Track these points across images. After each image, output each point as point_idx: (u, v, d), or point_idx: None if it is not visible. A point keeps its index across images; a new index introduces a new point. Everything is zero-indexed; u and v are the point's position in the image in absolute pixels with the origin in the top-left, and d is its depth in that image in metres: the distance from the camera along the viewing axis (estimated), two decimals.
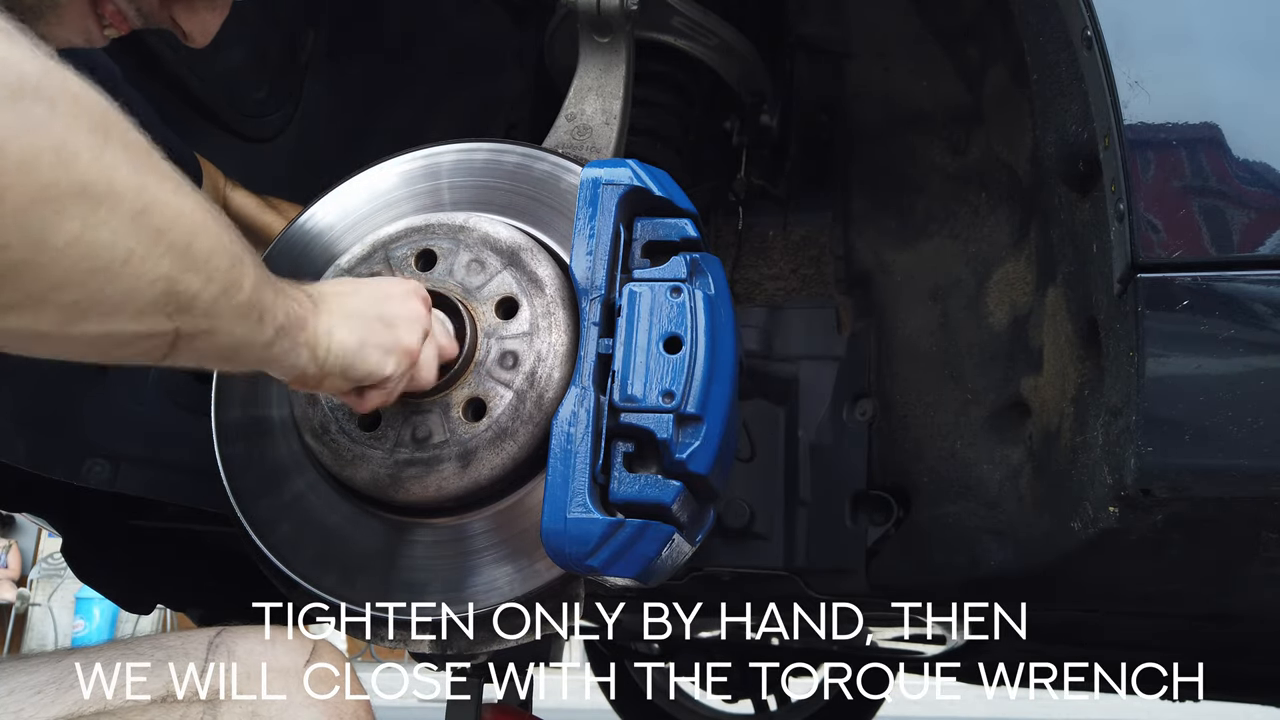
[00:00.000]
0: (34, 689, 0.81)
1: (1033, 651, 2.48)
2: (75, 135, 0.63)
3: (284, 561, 1.20)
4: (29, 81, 0.61)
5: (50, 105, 0.62)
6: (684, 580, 1.80)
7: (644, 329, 1.08)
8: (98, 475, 1.53)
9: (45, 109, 0.61)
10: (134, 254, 0.68)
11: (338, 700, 0.88)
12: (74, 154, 0.63)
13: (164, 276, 0.71)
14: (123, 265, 0.67)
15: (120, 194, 0.66)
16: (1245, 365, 0.94)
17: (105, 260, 0.66)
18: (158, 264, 0.70)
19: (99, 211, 0.65)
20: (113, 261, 0.66)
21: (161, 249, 0.70)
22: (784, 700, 3.83)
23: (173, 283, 0.72)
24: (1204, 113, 1.00)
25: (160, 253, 0.70)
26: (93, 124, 0.65)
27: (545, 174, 1.26)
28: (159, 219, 0.70)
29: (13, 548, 9.34)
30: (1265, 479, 0.94)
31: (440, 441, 1.11)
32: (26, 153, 0.60)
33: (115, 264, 0.67)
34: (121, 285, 0.68)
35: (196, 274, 0.74)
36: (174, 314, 0.73)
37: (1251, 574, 1.17)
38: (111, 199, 0.66)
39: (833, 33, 1.83)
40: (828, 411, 1.74)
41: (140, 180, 0.68)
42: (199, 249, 0.74)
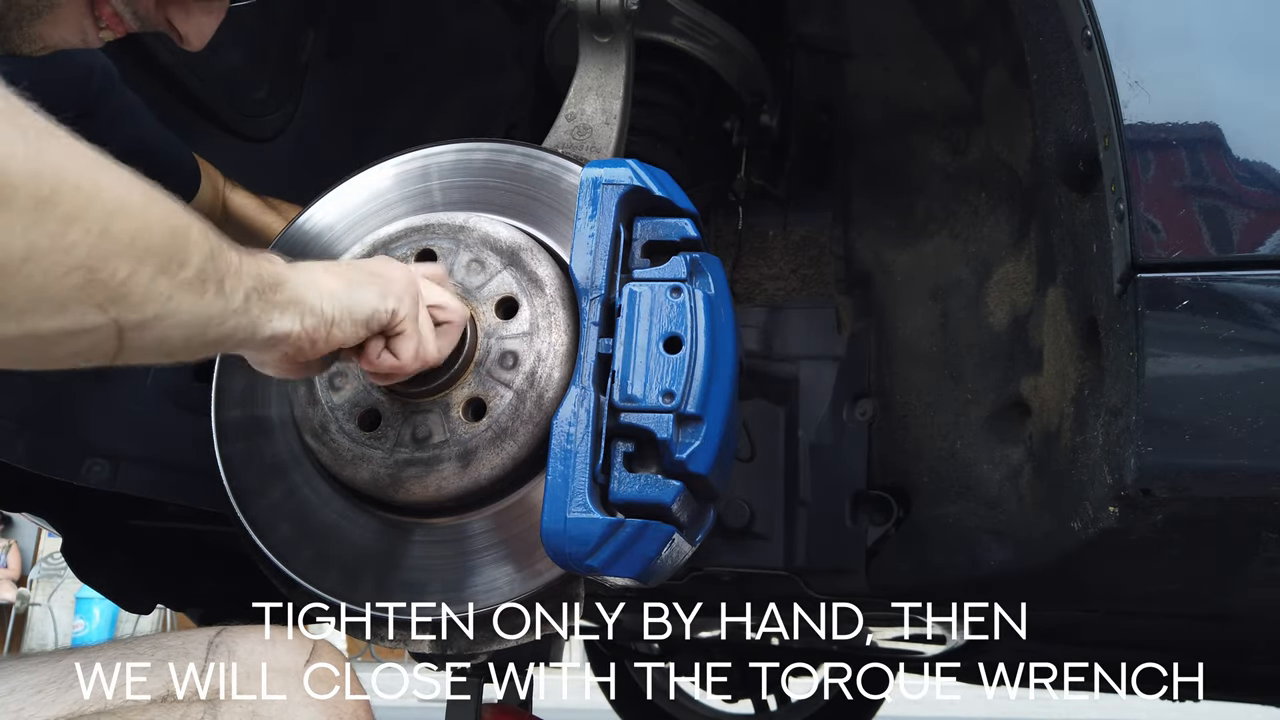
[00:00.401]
0: (34, 688, 0.81)
1: (1033, 651, 2.48)
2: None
3: (284, 561, 1.20)
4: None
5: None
6: (684, 580, 1.80)
7: (644, 329, 1.08)
8: (98, 475, 1.53)
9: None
10: (34, 249, 0.62)
11: (338, 700, 0.88)
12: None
13: (80, 266, 0.65)
14: (22, 262, 0.62)
15: (15, 186, 0.61)
16: (1245, 365, 0.94)
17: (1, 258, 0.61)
18: (67, 255, 0.64)
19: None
20: (9, 260, 0.61)
21: (71, 239, 0.64)
22: (784, 700, 3.83)
23: (93, 271, 0.66)
24: (1204, 113, 1.00)
25: (70, 243, 0.64)
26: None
27: (545, 174, 1.26)
28: (66, 206, 0.64)
29: (13, 548, 9.34)
30: (1265, 479, 0.94)
31: (440, 441, 1.11)
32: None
33: (13, 261, 0.62)
34: (25, 283, 0.63)
35: (123, 257, 0.68)
36: (106, 304, 0.68)
37: (1251, 574, 1.17)
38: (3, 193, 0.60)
39: (833, 33, 1.83)
40: (828, 411, 1.74)
41: (37, 166, 0.63)
42: (120, 230, 0.68)
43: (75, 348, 0.70)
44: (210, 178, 1.55)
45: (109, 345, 0.71)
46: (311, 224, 1.31)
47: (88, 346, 0.70)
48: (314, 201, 1.33)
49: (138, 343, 0.73)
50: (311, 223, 1.31)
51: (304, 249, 1.30)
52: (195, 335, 0.78)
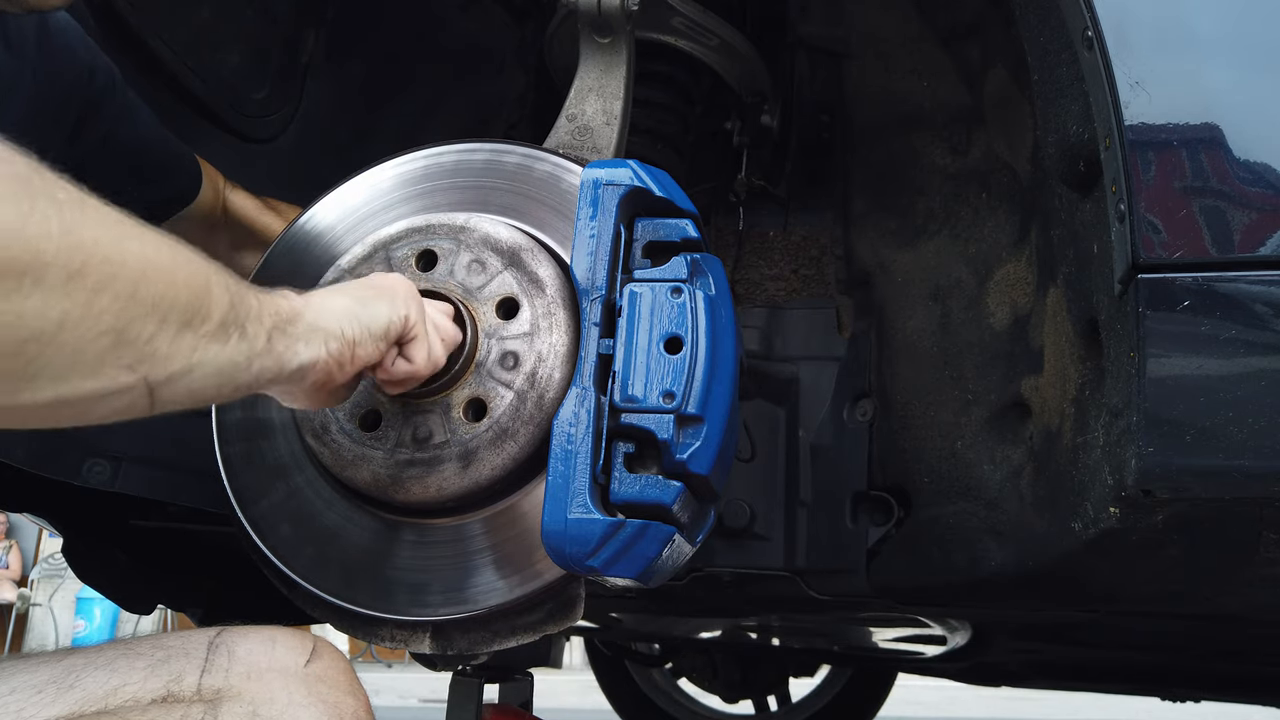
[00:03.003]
0: (35, 688, 0.80)
1: (1033, 651, 2.48)
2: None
3: (284, 562, 1.20)
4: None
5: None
6: (684, 581, 1.80)
7: (645, 329, 1.08)
8: (98, 475, 1.53)
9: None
10: (69, 316, 0.65)
11: (338, 700, 0.87)
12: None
13: (109, 330, 0.68)
14: (57, 331, 0.65)
15: (47, 264, 0.64)
16: (1246, 366, 0.94)
17: (36, 329, 0.63)
18: (98, 321, 0.67)
19: (24, 284, 0.62)
20: (44, 329, 0.64)
21: (102, 305, 0.67)
22: (784, 700, 3.83)
23: (121, 334, 0.69)
24: (1204, 113, 1.00)
25: (100, 309, 0.67)
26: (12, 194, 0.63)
27: (546, 174, 1.26)
28: (95, 277, 0.67)
29: (13, 548, 9.35)
30: (1266, 479, 0.94)
31: (441, 442, 1.11)
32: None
33: (49, 330, 0.64)
34: (61, 349, 0.66)
35: (149, 318, 0.71)
36: (135, 364, 0.71)
37: (1252, 574, 1.17)
38: (36, 270, 0.63)
39: (833, 33, 1.83)
40: (828, 412, 1.74)
41: (71, 241, 0.65)
42: (145, 294, 0.71)
43: (114, 407, 0.73)
44: (210, 178, 1.55)
45: (143, 402, 0.74)
46: (312, 225, 1.31)
47: (124, 405, 0.73)
48: (314, 202, 1.33)
49: (170, 396, 0.76)
50: (312, 223, 1.32)
51: (305, 250, 1.30)
52: (225, 382, 0.81)
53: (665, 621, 2.74)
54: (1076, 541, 1.13)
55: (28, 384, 0.66)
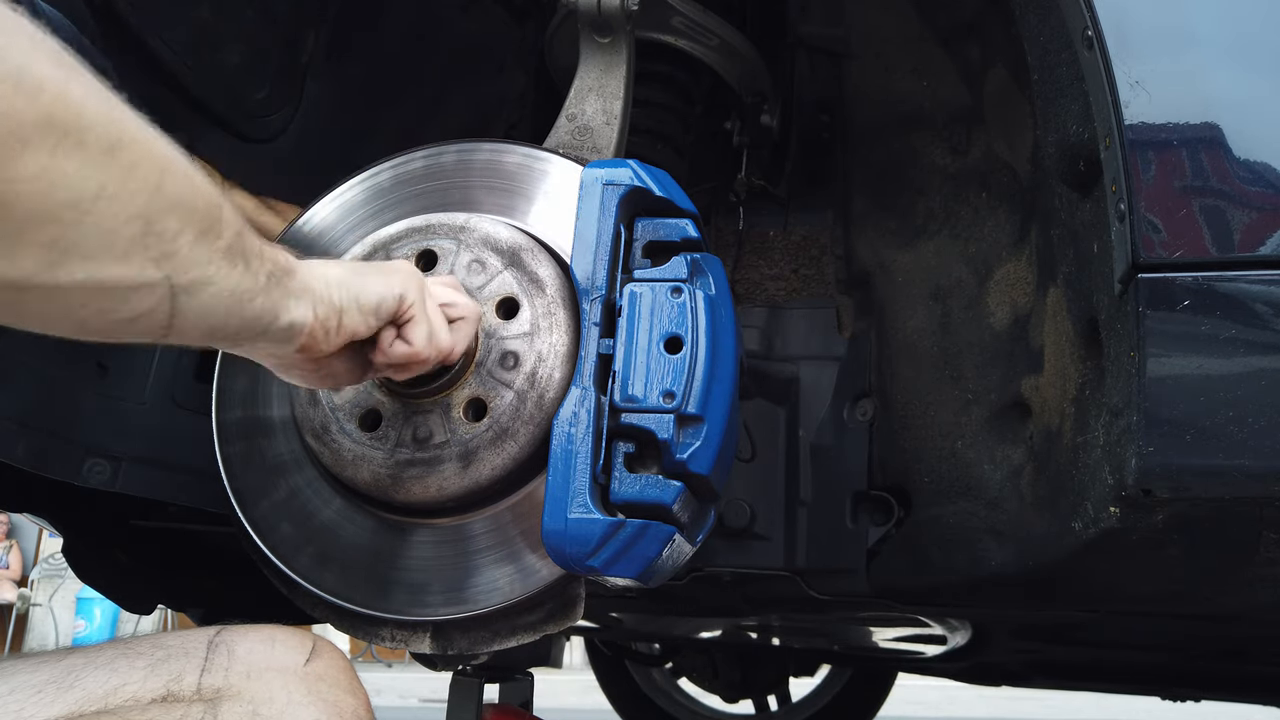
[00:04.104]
0: (35, 688, 0.80)
1: (1033, 651, 2.48)
2: (35, 65, 0.62)
3: (284, 562, 1.20)
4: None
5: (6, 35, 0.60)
6: (684, 581, 1.80)
7: (645, 329, 1.08)
8: (98, 475, 1.52)
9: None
10: (105, 189, 0.66)
11: (337, 699, 0.87)
12: (37, 84, 0.62)
13: (139, 215, 0.69)
14: (94, 200, 0.66)
15: (87, 129, 0.65)
16: (1246, 365, 0.94)
17: (76, 194, 0.65)
18: (131, 201, 0.68)
19: (66, 144, 0.63)
20: (83, 195, 0.65)
21: (134, 185, 0.68)
22: (784, 700, 3.83)
23: (150, 222, 0.70)
24: (1205, 113, 1.00)
25: (133, 190, 0.68)
26: (53, 58, 0.64)
27: (546, 174, 1.26)
28: (130, 156, 0.68)
29: (14, 548, 9.36)
30: (1266, 479, 0.94)
31: (441, 442, 1.11)
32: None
33: (86, 198, 0.65)
34: (97, 222, 0.67)
35: (173, 213, 0.72)
36: (160, 259, 0.72)
37: (1252, 574, 1.17)
38: (79, 133, 0.64)
39: (833, 33, 1.83)
40: (828, 411, 1.74)
41: (108, 115, 0.67)
42: (171, 188, 0.72)
43: (138, 309, 0.73)
44: (209, 178, 1.54)
45: (164, 309, 0.74)
46: (312, 225, 1.31)
47: (148, 309, 0.73)
48: (314, 202, 1.33)
49: (187, 308, 0.76)
50: (312, 224, 1.32)
51: (304, 250, 1.30)
52: (233, 309, 0.81)
53: (665, 621, 2.74)
54: (1077, 541, 1.13)
55: (62, 258, 0.66)
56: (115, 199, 0.67)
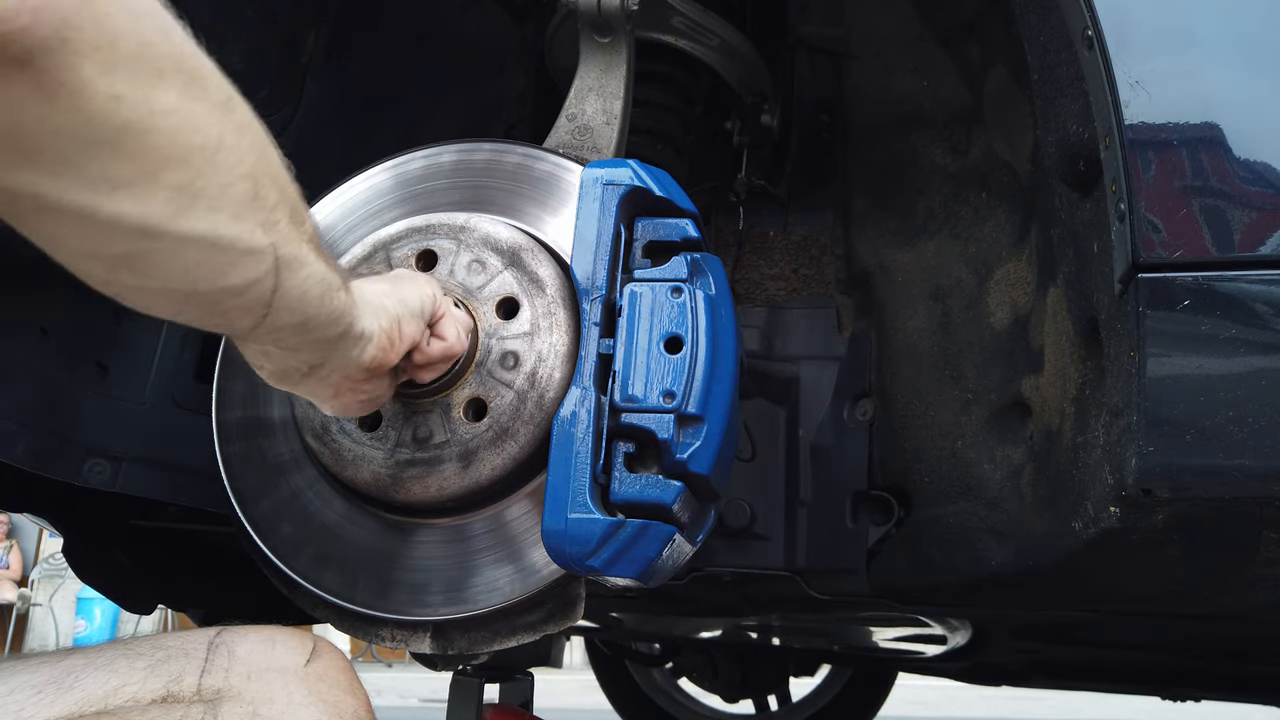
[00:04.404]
0: (34, 689, 0.80)
1: (1033, 651, 2.48)
2: (165, 12, 0.66)
3: (284, 561, 1.20)
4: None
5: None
6: (684, 581, 1.80)
7: (645, 329, 1.08)
8: (98, 475, 1.52)
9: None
10: (224, 142, 0.69)
11: (338, 700, 0.87)
12: (168, 26, 0.65)
13: (250, 175, 0.72)
14: (216, 150, 0.69)
15: (208, 78, 0.69)
16: (1246, 365, 0.94)
17: (202, 139, 0.67)
18: (243, 159, 0.71)
19: (193, 87, 0.67)
20: (207, 142, 0.68)
21: (246, 144, 0.72)
22: (785, 700, 3.83)
23: (258, 184, 0.73)
24: (1205, 113, 1.00)
25: (245, 147, 0.71)
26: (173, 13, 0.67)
27: (546, 174, 1.26)
28: (240, 116, 0.72)
29: (14, 548, 9.36)
30: (1266, 479, 0.94)
31: (441, 442, 1.11)
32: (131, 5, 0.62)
33: (210, 145, 0.68)
34: (217, 171, 0.69)
35: (273, 184, 0.75)
36: (266, 226, 0.74)
37: (1252, 574, 1.17)
38: (202, 80, 0.68)
39: (833, 33, 1.83)
40: (828, 411, 1.74)
41: (219, 73, 0.70)
42: (272, 158, 0.75)
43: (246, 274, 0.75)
44: None
45: (269, 281, 0.76)
46: None
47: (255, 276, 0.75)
48: (314, 202, 1.33)
49: (289, 285, 0.78)
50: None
51: None
52: (325, 298, 0.83)
53: (665, 621, 2.74)
54: (1077, 541, 1.13)
55: (189, 205, 0.68)
56: (232, 153, 0.70)
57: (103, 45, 0.60)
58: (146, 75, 0.63)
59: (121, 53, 0.61)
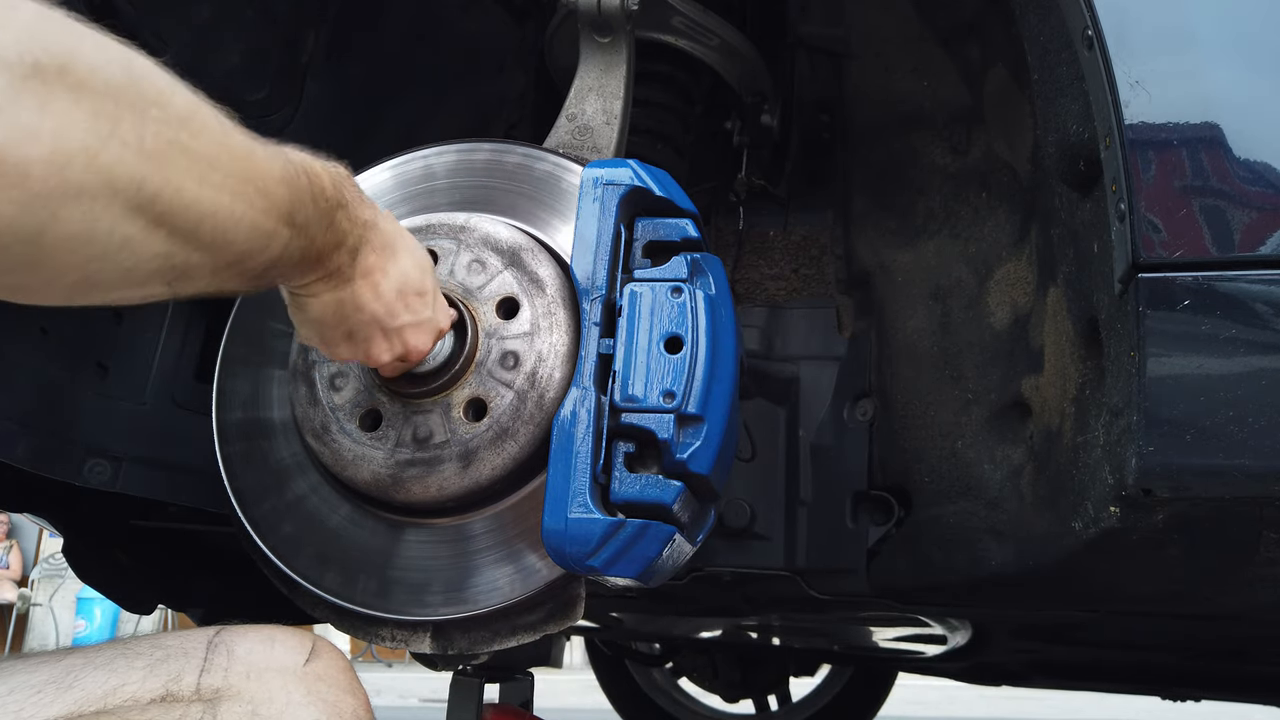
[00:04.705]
0: (34, 688, 0.80)
1: (1033, 651, 2.48)
2: (70, 135, 0.61)
3: (284, 561, 1.20)
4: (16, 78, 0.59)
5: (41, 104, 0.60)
6: (684, 581, 1.80)
7: (645, 329, 1.08)
8: (98, 475, 1.52)
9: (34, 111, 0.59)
10: (131, 239, 0.68)
11: (337, 699, 0.87)
12: (66, 158, 0.61)
13: (161, 254, 0.71)
14: (119, 250, 0.68)
15: (118, 190, 0.65)
16: (1246, 365, 0.94)
17: (102, 248, 0.67)
18: (154, 245, 0.70)
19: (94, 208, 0.64)
20: (109, 248, 0.67)
21: (162, 234, 0.70)
22: (785, 700, 3.83)
23: (169, 258, 0.72)
24: (1205, 113, 1.00)
25: (160, 237, 0.70)
26: (94, 113, 0.63)
27: (546, 174, 1.26)
28: (162, 207, 0.69)
29: (14, 548, 9.36)
30: (1266, 479, 0.94)
31: (441, 442, 1.11)
32: (18, 167, 0.59)
33: (112, 250, 0.67)
34: (120, 266, 0.69)
35: (199, 252, 0.74)
36: (173, 281, 0.75)
37: (1252, 574, 1.17)
38: (107, 196, 0.65)
39: (833, 33, 1.83)
40: (828, 411, 1.74)
41: (144, 171, 0.67)
42: (207, 231, 0.73)
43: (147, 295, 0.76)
44: None
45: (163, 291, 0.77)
46: None
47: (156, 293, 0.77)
48: None
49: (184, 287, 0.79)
50: None
51: None
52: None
53: (665, 621, 2.74)
54: (1077, 541, 1.13)
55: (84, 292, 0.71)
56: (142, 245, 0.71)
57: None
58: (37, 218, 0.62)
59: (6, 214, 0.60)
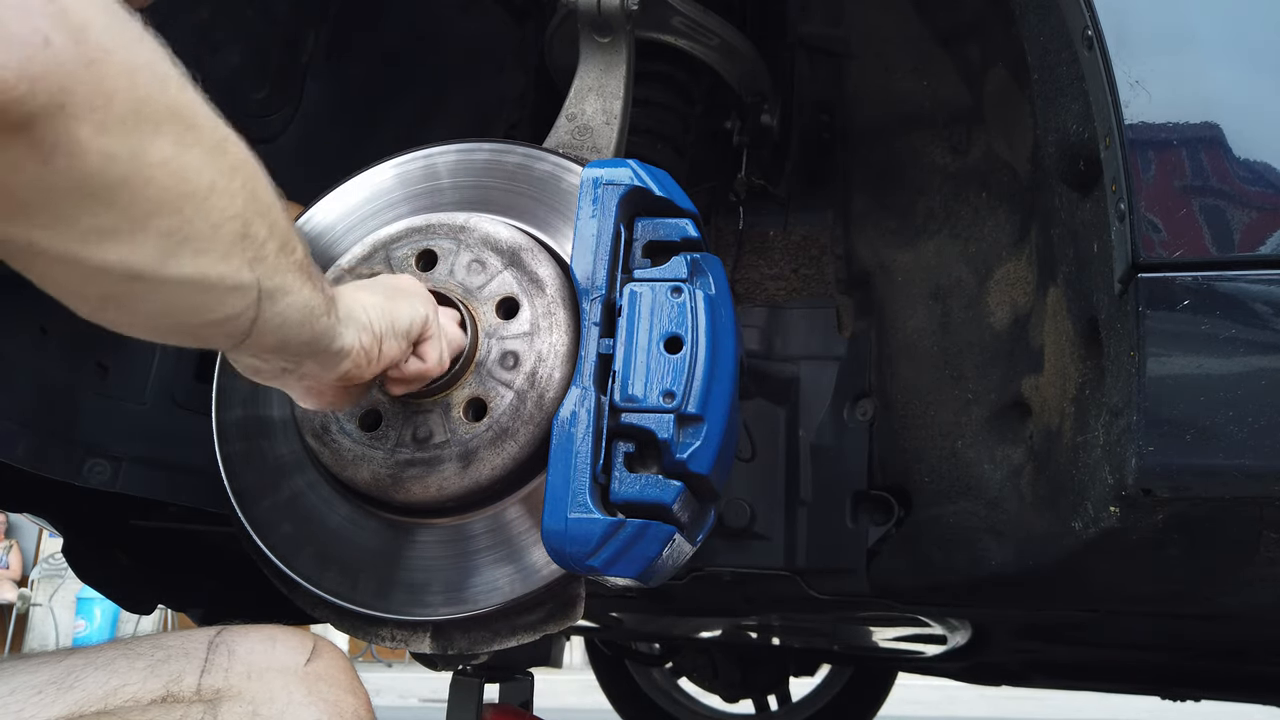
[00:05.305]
0: (35, 689, 0.80)
1: (1033, 651, 2.48)
2: (162, 61, 0.66)
3: (284, 561, 1.20)
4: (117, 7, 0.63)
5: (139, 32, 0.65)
6: (684, 581, 1.80)
7: (645, 329, 1.08)
8: (99, 476, 1.52)
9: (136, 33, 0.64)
10: (216, 186, 0.70)
11: (337, 699, 0.87)
12: (165, 76, 0.66)
13: (239, 215, 0.72)
14: (207, 195, 0.69)
15: (203, 125, 0.69)
16: (1246, 365, 0.94)
17: (193, 186, 0.68)
18: (234, 200, 0.72)
19: (188, 136, 0.67)
20: (199, 188, 0.68)
21: (236, 185, 0.72)
22: (784, 700, 3.83)
23: (247, 224, 0.73)
24: (1204, 112, 1.00)
25: (235, 189, 0.72)
26: (170, 58, 0.68)
27: (546, 174, 1.26)
28: (233, 157, 0.72)
29: (14, 548, 9.35)
30: (1266, 479, 0.94)
31: (441, 442, 1.11)
32: (129, 62, 0.62)
33: (201, 191, 0.69)
34: (208, 216, 0.70)
35: (262, 220, 0.75)
36: (253, 263, 0.75)
37: (1252, 574, 1.17)
38: (197, 128, 0.68)
39: (833, 33, 1.83)
40: (828, 411, 1.74)
41: (213, 116, 0.71)
42: (263, 195, 0.76)
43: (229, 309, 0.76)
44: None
45: (250, 314, 0.78)
46: (312, 224, 1.31)
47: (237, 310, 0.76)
48: (315, 202, 1.33)
49: (269, 314, 0.79)
50: (312, 223, 1.31)
51: None
52: (305, 322, 0.84)
53: (665, 621, 2.74)
54: (1077, 541, 1.13)
55: (177, 249, 0.69)
56: (223, 195, 0.71)
57: (99, 106, 0.60)
58: (141, 130, 0.63)
59: (117, 112, 0.61)
